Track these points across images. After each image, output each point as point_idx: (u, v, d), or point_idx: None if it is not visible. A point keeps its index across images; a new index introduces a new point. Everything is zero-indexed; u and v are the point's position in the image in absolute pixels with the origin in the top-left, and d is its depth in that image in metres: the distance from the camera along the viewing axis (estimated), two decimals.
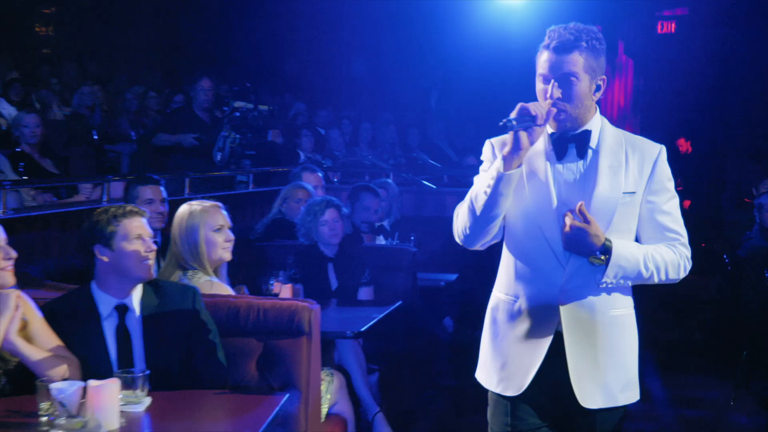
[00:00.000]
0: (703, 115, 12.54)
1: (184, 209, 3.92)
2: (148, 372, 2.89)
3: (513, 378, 2.57)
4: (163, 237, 4.64)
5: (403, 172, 9.05)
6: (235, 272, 4.42)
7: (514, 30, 10.89)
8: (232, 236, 3.97)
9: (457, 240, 2.63)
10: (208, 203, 3.97)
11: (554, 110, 2.46)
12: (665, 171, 2.56)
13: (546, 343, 2.52)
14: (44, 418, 2.60)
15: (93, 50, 12.69)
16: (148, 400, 2.84)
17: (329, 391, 4.13)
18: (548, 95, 2.46)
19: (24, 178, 5.79)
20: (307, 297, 4.13)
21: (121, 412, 2.69)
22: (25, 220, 4.73)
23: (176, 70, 11.77)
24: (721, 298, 6.48)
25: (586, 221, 2.41)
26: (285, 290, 4.44)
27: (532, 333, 2.55)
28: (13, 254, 3.00)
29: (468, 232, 2.55)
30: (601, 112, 2.59)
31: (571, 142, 2.52)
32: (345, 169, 9.07)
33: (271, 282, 4.44)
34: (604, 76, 2.54)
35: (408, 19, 12.65)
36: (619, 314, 2.57)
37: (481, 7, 11.25)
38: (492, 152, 2.62)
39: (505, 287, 2.65)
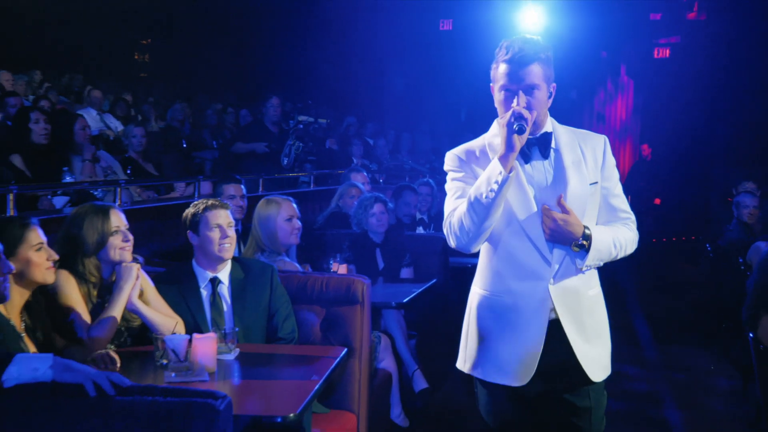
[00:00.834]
0: (694, 127, 12.30)
1: (263, 203, 4.02)
2: (237, 329, 3.00)
3: (519, 369, 2.35)
4: (243, 226, 4.80)
5: (437, 174, 9.07)
6: (301, 254, 4.53)
7: None
8: (299, 225, 4.05)
9: (456, 246, 2.38)
10: (281, 198, 4.07)
11: (535, 113, 2.28)
12: (612, 158, 2.45)
13: (542, 332, 2.34)
14: (159, 363, 2.72)
15: (181, 74, 12.75)
16: (237, 351, 2.94)
17: (377, 350, 4.20)
18: (515, 105, 2.27)
19: (131, 178, 5.89)
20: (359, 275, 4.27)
21: (217, 359, 2.77)
22: (134, 212, 4.78)
23: (249, 90, 11.79)
24: (705, 281, 6.40)
25: (566, 212, 2.29)
26: (341, 269, 4.46)
27: (529, 325, 2.35)
28: (131, 237, 3.12)
29: (470, 236, 2.31)
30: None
31: (534, 145, 2.35)
32: (389, 171, 9.04)
33: (331, 262, 4.48)
34: (554, 84, 2.38)
35: (441, 46, 12.65)
36: (594, 293, 2.43)
37: (503, 37, 11.25)
38: (459, 162, 2.43)
39: (490, 285, 2.42)
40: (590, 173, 2.38)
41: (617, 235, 2.38)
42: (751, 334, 3.30)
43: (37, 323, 2.73)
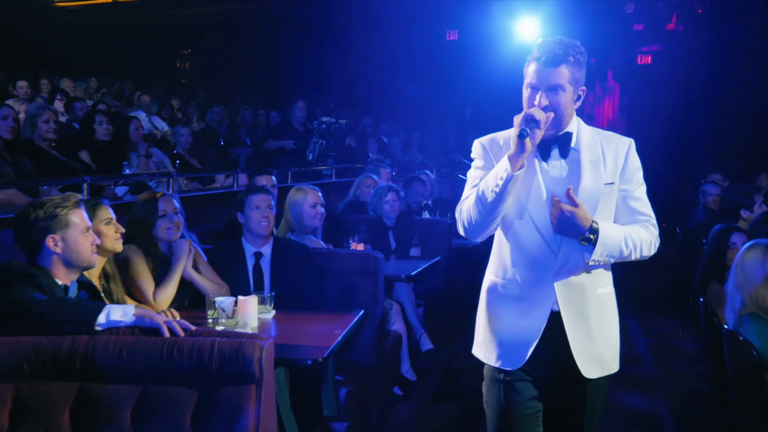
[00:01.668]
0: (673, 126, 12.33)
1: (293, 190, 4.24)
2: (273, 294, 3.23)
3: (512, 353, 2.20)
4: (275, 210, 4.99)
5: (444, 167, 9.10)
6: (325, 235, 4.64)
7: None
8: (323, 211, 4.25)
9: (462, 233, 2.25)
10: (308, 187, 4.26)
11: (552, 115, 2.10)
12: (635, 161, 2.23)
13: (542, 321, 2.17)
14: (210, 320, 2.95)
15: (218, 80, 12.83)
16: (273, 312, 3.19)
17: (390, 315, 4.40)
18: (536, 104, 2.10)
19: (180, 171, 6.06)
20: None
21: (258, 318, 3.01)
22: (183, 200, 4.81)
23: (278, 94, 11.88)
24: (676, 260, 6.45)
25: (575, 206, 2.10)
26: (359, 247, 4.57)
27: (530, 313, 2.19)
28: (177, 219, 3.38)
29: (474, 224, 2.17)
30: (595, 124, 2.31)
31: (553, 144, 2.17)
32: (401, 166, 9.08)
33: (350, 241, 4.67)
34: (584, 87, 2.18)
35: (448, 54, 12.66)
36: (604, 292, 2.25)
37: (503, 46, 11.25)
38: (483, 150, 2.28)
39: (501, 272, 2.27)
40: (607, 173, 2.18)
41: (630, 234, 2.17)
42: (701, 298, 3.52)
43: (112, 286, 3.02)
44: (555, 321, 2.17)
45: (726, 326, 2.90)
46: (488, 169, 2.23)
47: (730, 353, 2.87)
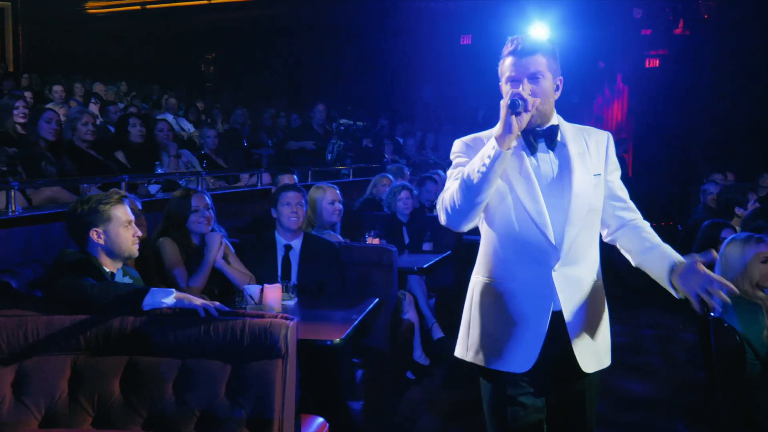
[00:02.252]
0: (679, 128, 12.33)
1: (313, 188, 4.40)
2: (296, 283, 3.45)
3: (520, 356, 2.08)
4: None
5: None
6: (343, 230, 4.82)
7: None
8: (341, 207, 4.40)
9: (445, 223, 2.15)
10: (327, 185, 4.41)
11: (538, 99, 2.02)
12: (614, 154, 2.22)
13: (546, 319, 2.07)
14: (238, 306, 3.07)
15: (241, 83, 12.98)
16: (296, 299, 3.37)
17: (403, 304, 4.56)
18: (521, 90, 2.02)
19: (207, 171, 6.17)
20: None
21: (282, 304, 3.18)
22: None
23: (299, 97, 11.99)
24: None
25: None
26: (374, 242, 4.67)
27: (532, 311, 2.08)
28: (208, 214, 3.57)
29: (458, 209, 2.06)
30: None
31: (541, 137, 2.11)
32: (415, 166, 9.16)
33: (366, 236, 4.81)
34: (561, 77, 2.13)
35: (461, 58, 12.76)
36: (598, 285, 2.18)
37: None
38: (466, 148, 2.19)
39: (493, 272, 2.14)
40: (594, 165, 2.15)
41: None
42: None
43: (148, 273, 3.24)
44: (556, 317, 2.08)
45: (712, 314, 3.05)
46: None
47: (716, 338, 3.03)
